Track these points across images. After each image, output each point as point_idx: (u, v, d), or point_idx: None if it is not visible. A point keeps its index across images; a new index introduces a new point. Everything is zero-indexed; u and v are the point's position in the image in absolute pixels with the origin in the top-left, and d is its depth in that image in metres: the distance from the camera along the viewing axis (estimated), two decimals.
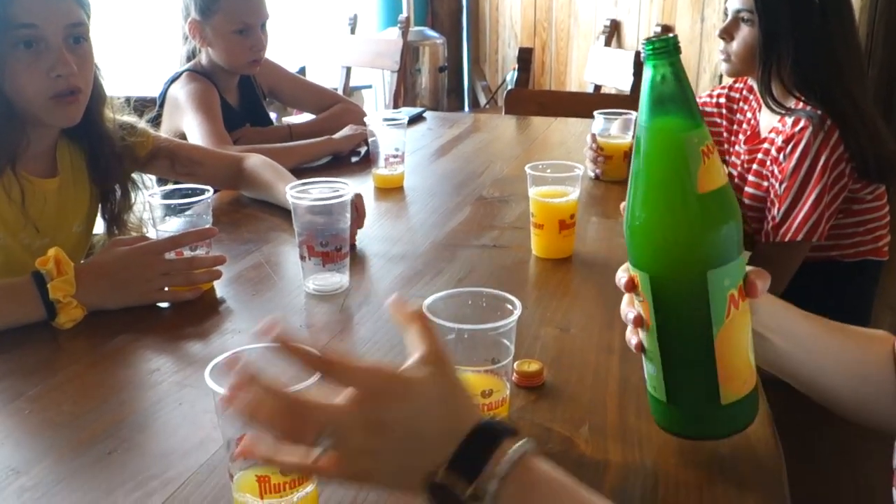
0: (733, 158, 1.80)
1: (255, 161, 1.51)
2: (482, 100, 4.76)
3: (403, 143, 1.64)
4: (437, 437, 0.54)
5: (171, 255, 1.08)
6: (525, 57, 3.36)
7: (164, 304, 1.08)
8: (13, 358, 0.94)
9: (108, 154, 1.28)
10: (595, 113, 1.71)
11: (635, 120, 1.72)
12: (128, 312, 1.05)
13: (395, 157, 1.63)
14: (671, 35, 0.65)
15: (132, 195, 1.34)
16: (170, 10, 1.98)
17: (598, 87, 3.61)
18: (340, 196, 1.08)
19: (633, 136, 1.78)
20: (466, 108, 4.92)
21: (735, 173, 1.77)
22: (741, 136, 1.77)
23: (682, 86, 0.65)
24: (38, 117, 1.16)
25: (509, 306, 0.76)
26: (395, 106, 3.90)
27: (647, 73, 0.65)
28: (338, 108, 2.08)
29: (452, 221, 1.43)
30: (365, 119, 1.65)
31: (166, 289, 1.08)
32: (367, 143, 1.73)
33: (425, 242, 1.33)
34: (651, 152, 0.65)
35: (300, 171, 1.62)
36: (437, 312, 0.73)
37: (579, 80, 4.01)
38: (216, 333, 1.02)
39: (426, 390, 0.55)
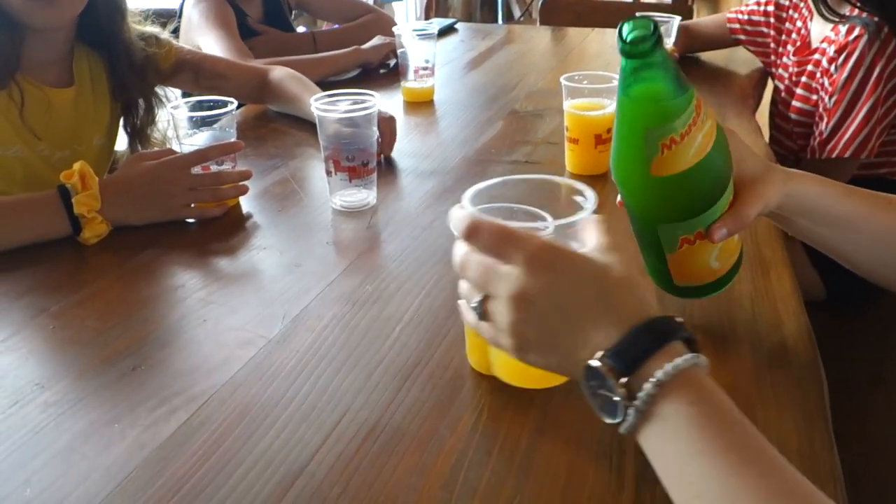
0: (780, 71, 1.71)
1: (281, 73, 1.46)
2: (516, 12, 4.61)
3: (433, 55, 1.58)
4: (592, 320, 0.51)
5: (196, 170, 1.06)
6: None
7: (189, 220, 1.06)
8: (38, 273, 0.93)
9: (128, 65, 1.25)
10: (637, 14, 1.62)
11: (678, 26, 1.64)
12: (153, 228, 1.03)
13: (424, 69, 1.57)
14: (649, 32, 0.58)
15: (155, 108, 1.31)
16: None
17: None
18: (367, 108, 1.04)
19: (675, 43, 1.69)
20: (500, 21, 4.77)
21: (782, 87, 1.69)
22: (790, 47, 1.68)
23: (655, 80, 0.60)
24: (21, 19, 1.11)
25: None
26: (427, 18, 3.79)
27: (621, 62, 0.60)
28: (367, 17, 2.01)
29: (484, 136, 1.38)
30: (394, 30, 1.59)
31: (192, 205, 1.05)
32: (395, 55, 1.67)
33: (456, 158, 1.28)
34: (618, 126, 0.64)
35: (327, 84, 1.58)
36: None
37: None
38: (242, 249, 0.99)
39: (594, 270, 0.53)
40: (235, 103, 1.11)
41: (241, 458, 0.62)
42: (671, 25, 1.60)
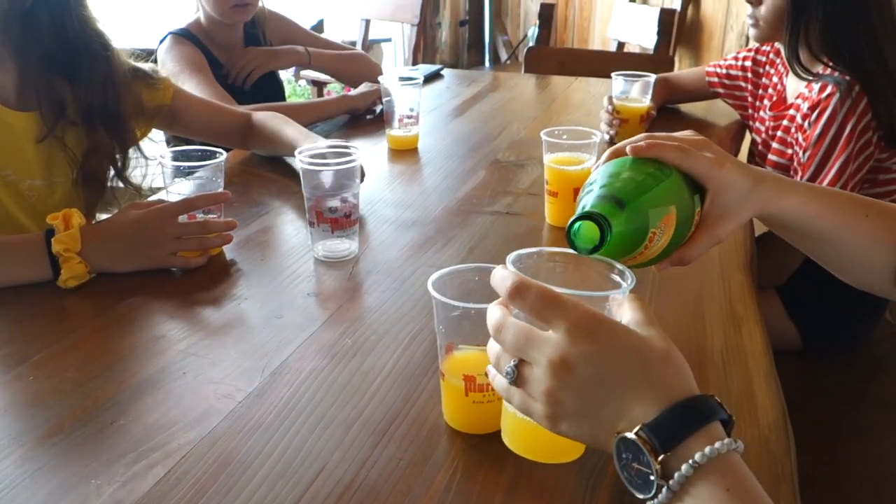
0: (757, 124, 1.75)
1: (263, 115, 1.49)
2: (503, 55, 4.68)
3: (418, 103, 1.61)
4: (632, 392, 0.52)
5: (183, 219, 1.07)
6: (546, 13, 3.29)
7: (173, 269, 1.07)
8: (19, 321, 0.93)
9: (103, 91, 1.19)
10: (613, 75, 1.67)
11: (654, 82, 1.68)
12: (137, 276, 1.04)
13: (409, 117, 1.60)
14: (594, 245, 0.61)
15: (132, 144, 1.28)
16: None
17: (621, 45, 3.54)
18: (349, 162, 1.06)
19: (652, 98, 1.73)
20: (487, 64, 4.84)
21: (759, 140, 1.73)
22: (766, 102, 1.72)
23: (608, 251, 0.63)
24: None
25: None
26: (415, 60, 3.84)
27: None
28: (357, 52, 2.07)
29: (466, 186, 1.41)
30: (379, 78, 1.62)
31: (178, 254, 1.06)
32: (381, 102, 1.70)
33: (437, 208, 1.31)
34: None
35: (316, 130, 1.60)
36: (443, 289, 0.71)
37: (603, 36, 3.92)
38: (224, 299, 1.01)
39: (637, 342, 0.54)
40: (224, 154, 1.13)
41: None
42: (649, 82, 1.64)
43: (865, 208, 0.77)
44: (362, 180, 1.27)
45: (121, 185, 1.28)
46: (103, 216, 1.27)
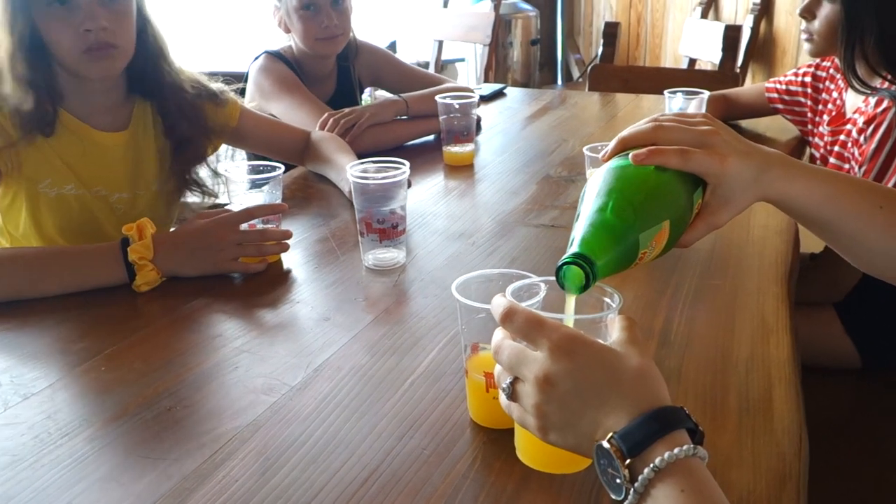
0: (816, 140, 1.74)
1: (321, 135, 1.58)
2: (575, 73, 4.71)
3: (473, 120, 1.67)
4: (606, 405, 0.57)
5: (244, 227, 1.16)
6: (610, 31, 3.31)
7: (234, 274, 1.16)
8: (96, 319, 1.03)
9: (176, 108, 1.35)
10: (665, 92, 1.69)
11: (707, 99, 1.69)
12: (202, 280, 1.13)
13: (465, 134, 1.67)
14: (581, 284, 0.65)
15: (204, 156, 1.40)
16: None
17: (692, 62, 3.53)
18: (396, 176, 1.13)
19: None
20: (559, 82, 4.88)
21: (818, 155, 1.72)
22: (825, 117, 1.72)
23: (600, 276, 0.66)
24: (76, 71, 1.24)
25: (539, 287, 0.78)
26: (486, 79, 3.92)
27: None
28: (447, 86, 2.02)
29: (515, 200, 1.46)
30: (437, 98, 1.68)
31: (238, 259, 1.15)
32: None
33: (485, 220, 1.36)
34: None
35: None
36: (467, 293, 0.77)
37: (674, 53, 3.91)
38: (279, 302, 1.08)
39: (611, 359, 0.59)
40: (282, 168, 1.22)
41: (251, 494, 0.70)
42: (703, 99, 1.66)
43: (880, 198, 0.76)
44: (409, 186, 1.33)
45: (192, 198, 1.40)
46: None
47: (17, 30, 1.19)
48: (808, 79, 1.79)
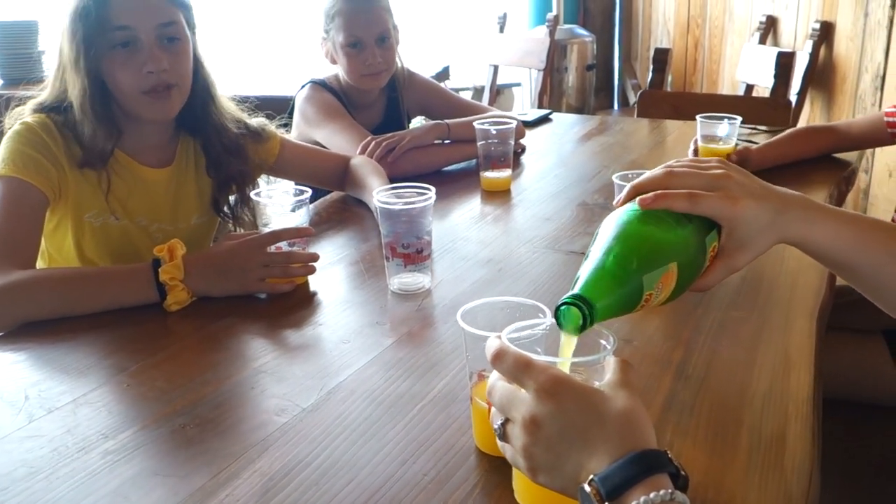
0: None
1: (359, 160, 1.61)
2: (632, 98, 4.67)
3: (510, 146, 1.68)
4: (590, 447, 0.57)
5: (271, 249, 1.19)
6: (660, 58, 3.28)
7: (262, 295, 1.18)
8: (126, 336, 1.07)
9: (221, 146, 1.41)
10: (698, 117, 1.67)
11: (738, 124, 1.67)
12: (230, 300, 1.16)
13: (502, 160, 1.67)
14: (578, 324, 0.65)
15: (246, 193, 1.45)
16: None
17: (749, 88, 3.46)
18: (422, 202, 1.14)
19: (735, 143, 1.71)
20: (615, 107, 4.85)
21: None
22: None
23: (605, 318, 0.67)
24: (136, 111, 1.30)
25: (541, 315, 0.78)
26: (541, 104, 3.92)
27: None
28: (491, 114, 1.98)
29: (547, 226, 1.46)
30: (475, 124, 1.70)
31: (265, 280, 1.18)
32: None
33: (515, 246, 1.36)
34: None
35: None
36: (473, 321, 0.77)
37: (731, 79, 3.85)
38: (301, 324, 1.11)
39: (596, 401, 0.59)
40: (309, 192, 1.25)
41: None
42: (734, 126, 1.64)
43: None
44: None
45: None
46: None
47: (86, 72, 1.25)
48: None
